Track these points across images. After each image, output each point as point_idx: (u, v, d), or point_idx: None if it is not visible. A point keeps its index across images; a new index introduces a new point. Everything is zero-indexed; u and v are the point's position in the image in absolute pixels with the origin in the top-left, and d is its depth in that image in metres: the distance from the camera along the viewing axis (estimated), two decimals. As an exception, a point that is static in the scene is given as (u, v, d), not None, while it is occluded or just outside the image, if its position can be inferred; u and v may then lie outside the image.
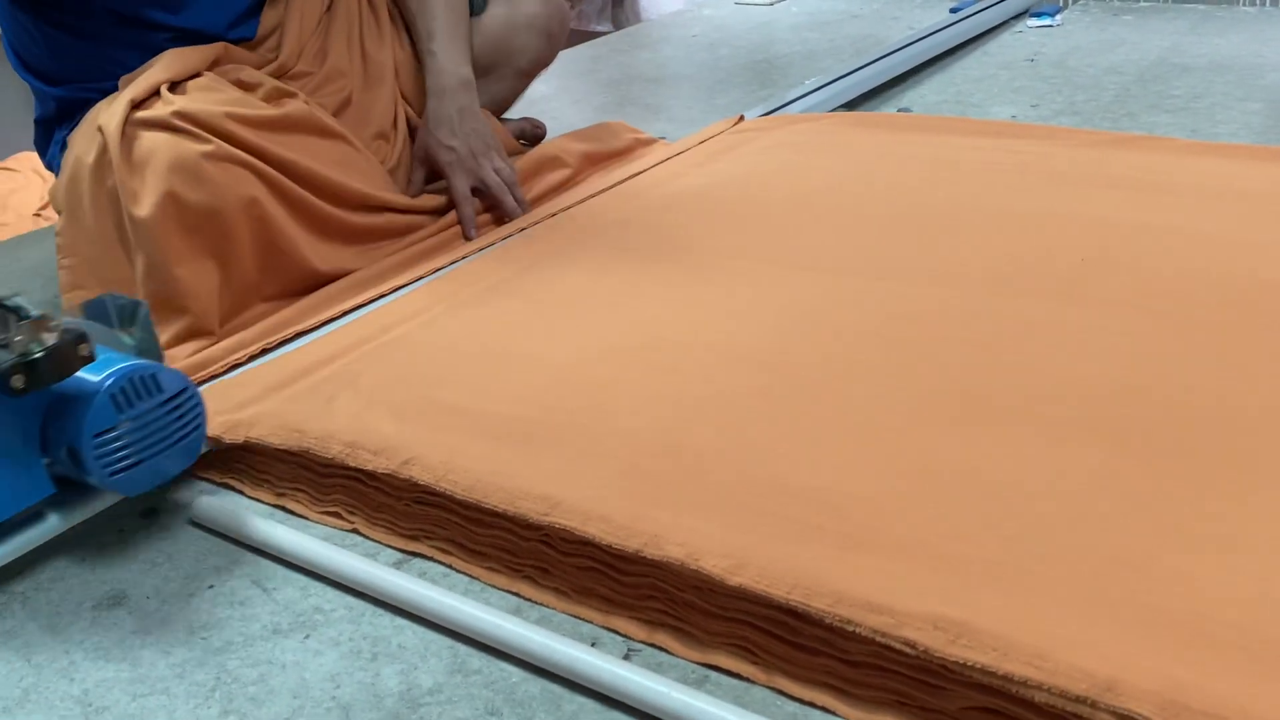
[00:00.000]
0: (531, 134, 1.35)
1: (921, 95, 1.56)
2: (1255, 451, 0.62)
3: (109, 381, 0.62)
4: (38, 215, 2.00)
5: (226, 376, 0.81)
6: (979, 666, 0.48)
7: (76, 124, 0.96)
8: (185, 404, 0.66)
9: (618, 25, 2.85)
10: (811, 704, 0.53)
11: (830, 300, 0.85)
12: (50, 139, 1.04)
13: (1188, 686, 0.46)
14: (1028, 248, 0.92)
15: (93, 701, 0.56)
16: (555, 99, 1.68)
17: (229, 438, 0.72)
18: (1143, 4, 2.10)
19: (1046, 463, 0.63)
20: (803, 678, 0.54)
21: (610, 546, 0.58)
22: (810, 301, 0.85)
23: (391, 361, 0.80)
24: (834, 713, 0.52)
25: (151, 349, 0.70)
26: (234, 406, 0.75)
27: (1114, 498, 0.59)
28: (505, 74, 1.26)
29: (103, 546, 0.68)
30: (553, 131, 1.38)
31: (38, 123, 1.04)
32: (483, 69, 1.24)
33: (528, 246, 1.00)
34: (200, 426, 0.68)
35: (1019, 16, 2.01)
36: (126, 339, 0.70)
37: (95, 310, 0.70)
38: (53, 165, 1.02)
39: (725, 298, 0.86)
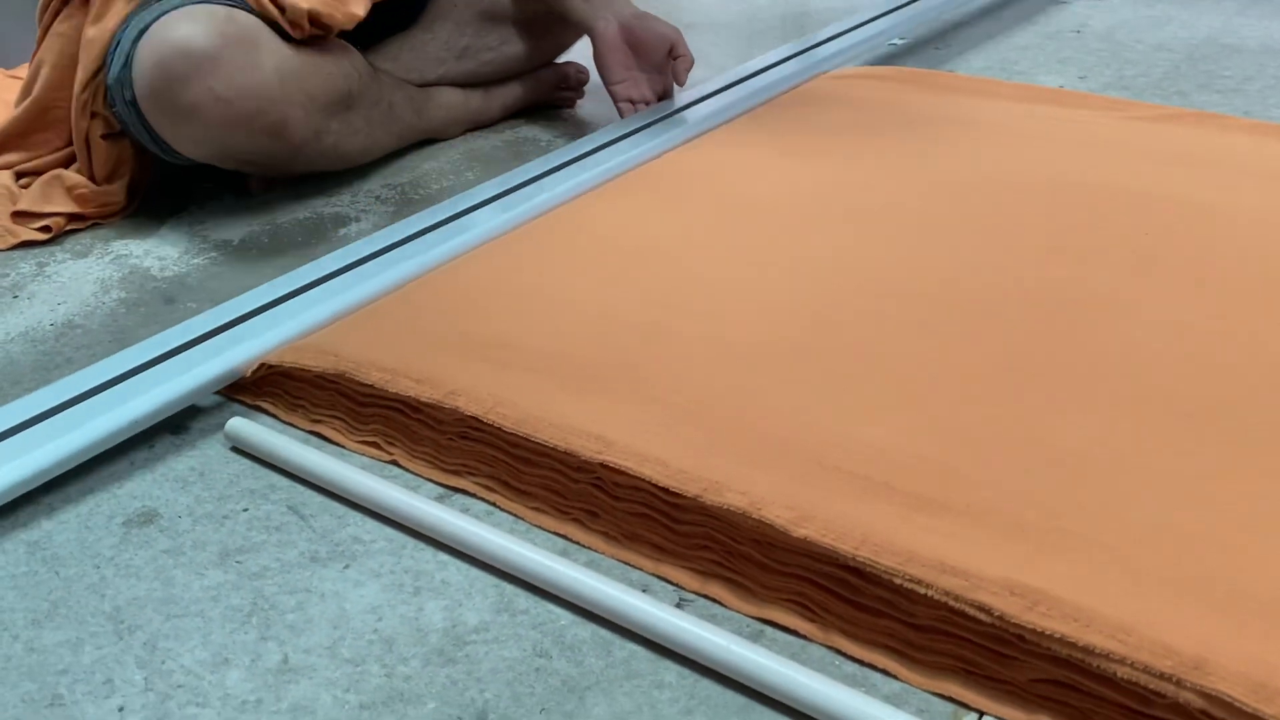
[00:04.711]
0: (575, 79, 1.31)
1: (967, 61, 1.52)
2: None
3: None
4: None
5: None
6: (1058, 636, 0.46)
7: None
8: None
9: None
10: (871, 665, 0.51)
11: (889, 259, 0.82)
12: None
13: (1279, 670, 0.44)
14: (1089, 217, 0.89)
15: (125, 619, 0.54)
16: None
17: (271, 359, 0.69)
18: (1190, -18, 2.05)
19: (1123, 434, 0.60)
20: (863, 638, 0.52)
21: (667, 490, 0.56)
22: (868, 260, 0.82)
23: (435, 293, 0.78)
24: (895, 676, 0.50)
25: None
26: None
27: (1196, 474, 0.57)
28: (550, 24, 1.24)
29: (133, 462, 0.66)
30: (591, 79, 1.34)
31: None
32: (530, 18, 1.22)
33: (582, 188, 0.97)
34: None
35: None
36: None
37: None
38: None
39: (782, 252, 0.84)
